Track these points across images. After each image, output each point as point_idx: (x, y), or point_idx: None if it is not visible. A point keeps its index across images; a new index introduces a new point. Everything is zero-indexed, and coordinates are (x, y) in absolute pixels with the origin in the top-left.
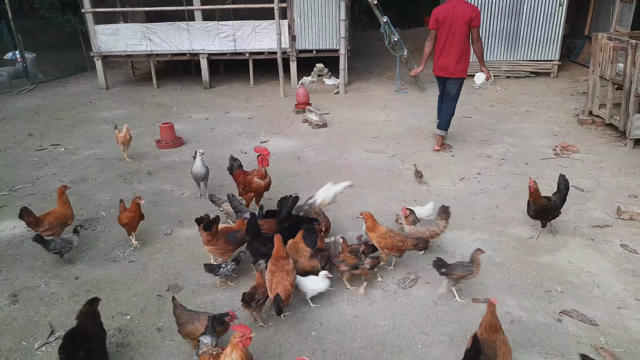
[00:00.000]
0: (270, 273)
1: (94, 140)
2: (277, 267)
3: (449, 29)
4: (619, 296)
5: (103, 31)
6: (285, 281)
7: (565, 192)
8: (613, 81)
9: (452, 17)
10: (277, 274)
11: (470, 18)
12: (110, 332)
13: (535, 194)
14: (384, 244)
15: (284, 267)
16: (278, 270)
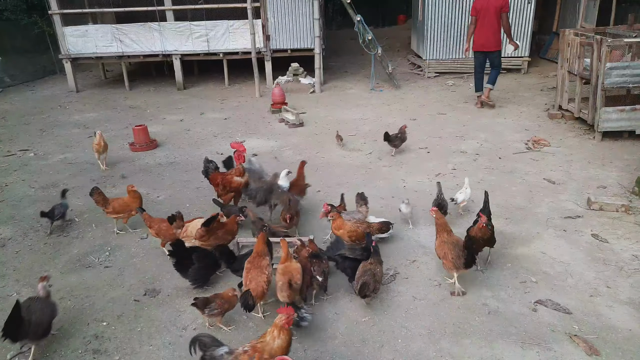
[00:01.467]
0: (246, 270)
1: (64, 145)
2: (252, 264)
3: (485, 15)
4: (591, 284)
5: (72, 33)
6: (259, 278)
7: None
8: (581, 76)
9: (487, 6)
10: (252, 271)
11: (501, 6)
12: (86, 339)
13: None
14: (355, 236)
15: (259, 264)
16: (253, 268)
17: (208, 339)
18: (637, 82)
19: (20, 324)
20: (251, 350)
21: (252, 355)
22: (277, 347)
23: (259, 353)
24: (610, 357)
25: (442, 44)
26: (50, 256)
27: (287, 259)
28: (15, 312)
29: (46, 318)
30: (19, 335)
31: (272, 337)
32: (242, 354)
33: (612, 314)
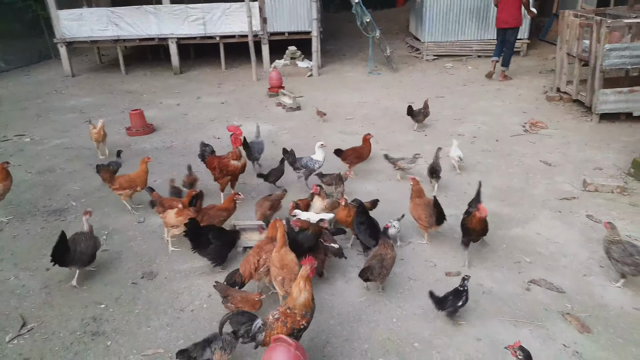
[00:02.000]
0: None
1: (60, 130)
2: (259, 246)
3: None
4: (585, 264)
5: (66, 16)
6: (252, 258)
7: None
8: (579, 58)
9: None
10: (252, 251)
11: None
12: (85, 321)
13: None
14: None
15: (263, 247)
16: (256, 249)
17: (243, 317)
18: (636, 64)
19: (67, 251)
20: (282, 315)
21: (284, 320)
22: (305, 299)
23: (290, 316)
24: (602, 334)
25: (441, 27)
26: (48, 240)
27: (282, 245)
28: (61, 241)
29: (90, 249)
30: (66, 262)
31: (298, 290)
32: (274, 322)
33: (604, 292)
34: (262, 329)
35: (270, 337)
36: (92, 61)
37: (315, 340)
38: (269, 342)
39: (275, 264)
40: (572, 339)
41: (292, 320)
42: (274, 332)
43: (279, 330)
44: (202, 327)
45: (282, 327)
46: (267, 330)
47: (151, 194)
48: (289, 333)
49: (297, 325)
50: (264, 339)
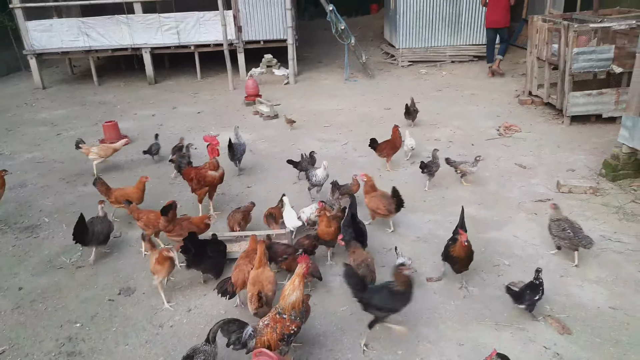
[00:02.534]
0: (240, 258)
1: (32, 144)
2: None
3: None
4: (561, 265)
5: (35, 27)
6: (244, 267)
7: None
8: (549, 61)
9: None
10: (241, 261)
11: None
12: (60, 341)
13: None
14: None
15: (252, 255)
16: (244, 259)
17: (234, 324)
18: (603, 67)
19: (86, 231)
20: (272, 321)
21: (274, 326)
22: (295, 300)
23: (280, 321)
24: (581, 335)
25: (415, 33)
26: (20, 258)
27: (261, 265)
28: (81, 222)
29: (105, 230)
30: (86, 241)
31: (292, 288)
32: (264, 327)
33: (581, 292)
34: (252, 335)
35: (260, 343)
36: (64, 72)
37: (298, 352)
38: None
39: (250, 280)
40: (553, 341)
41: (281, 326)
42: (264, 338)
43: (269, 337)
44: (182, 343)
45: (272, 333)
46: (257, 336)
47: (128, 206)
48: (279, 338)
49: (286, 330)
50: (254, 346)
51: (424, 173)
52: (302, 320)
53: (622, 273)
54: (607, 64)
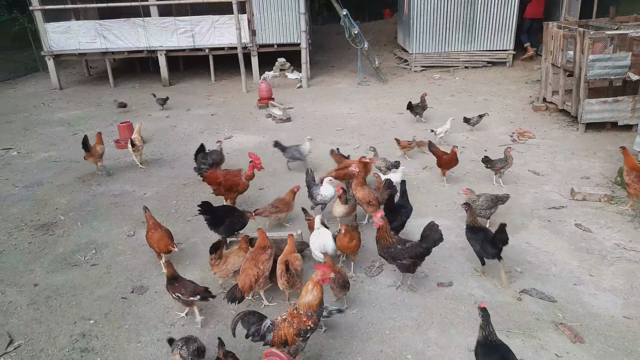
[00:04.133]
0: (246, 260)
1: (48, 143)
2: (253, 255)
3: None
4: (575, 273)
5: (54, 29)
6: (251, 271)
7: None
8: (564, 68)
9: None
10: (248, 262)
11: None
12: (74, 337)
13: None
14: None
15: (257, 257)
16: (251, 259)
17: (254, 316)
18: (618, 74)
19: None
20: (289, 316)
21: (291, 321)
22: (309, 301)
23: (297, 316)
24: (594, 344)
25: (429, 38)
26: (36, 255)
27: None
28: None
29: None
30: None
31: (305, 291)
32: (282, 321)
33: (595, 301)
34: (270, 328)
35: (277, 337)
36: (80, 74)
37: (307, 354)
38: (277, 341)
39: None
40: (565, 349)
41: (298, 321)
42: (281, 331)
43: (285, 330)
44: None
45: (289, 327)
46: (275, 330)
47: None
48: (296, 333)
49: (303, 325)
50: (272, 339)
51: (488, 168)
52: (318, 317)
53: (637, 282)
54: (623, 71)
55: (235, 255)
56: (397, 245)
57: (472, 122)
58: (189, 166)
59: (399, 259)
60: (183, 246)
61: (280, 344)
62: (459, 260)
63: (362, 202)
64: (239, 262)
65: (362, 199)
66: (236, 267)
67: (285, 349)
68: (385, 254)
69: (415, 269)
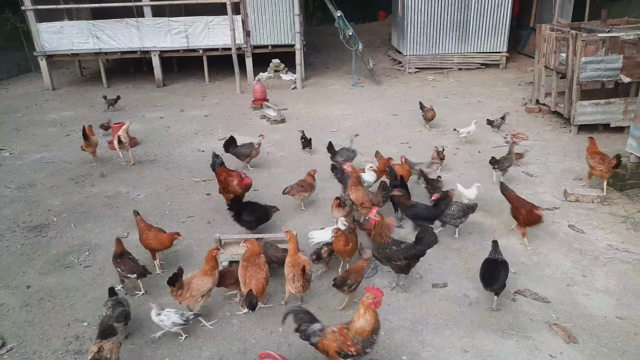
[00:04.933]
0: (243, 268)
1: (41, 144)
2: (249, 262)
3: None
4: (568, 274)
5: (46, 29)
6: (259, 275)
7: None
8: (557, 70)
9: None
10: (250, 269)
11: None
12: (67, 339)
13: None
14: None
15: (255, 262)
16: (250, 265)
17: (305, 315)
18: (611, 76)
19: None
20: (338, 332)
21: (337, 337)
22: (360, 326)
23: (344, 336)
24: (587, 344)
25: (423, 40)
26: (28, 257)
27: (296, 252)
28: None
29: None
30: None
31: (357, 316)
32: (330, 333)
33: (588, 302)
34: (317, 333)
35: (321, 344)
36: (73, 74)
37: (302, 356)
38: (320, 348)
39: (288, 264)
40: (559, 349)
41: (343, 341)
42: (325, 341)
43: (328, 342)
44: (187, 343)
45: (333, 342)
46: (322, 336)
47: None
48: (337, 351)
49: (346, 348)
50: (316, 343)
51: (495, 169)
52: (364, 346)
53: (630, 283)
54: (615, 73)
55: (199, 278)
56: (392, 246)
57: (495, 124)
58: (183, 167)
59: (394, 260)
60: (177, 247)
61: (322, 352)
62: (454, 261)
63: (356, 204)
64: (203, 284)
65: (356, 200)
66: (202, 290)
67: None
68: (380, 254)
69: (409, 270)
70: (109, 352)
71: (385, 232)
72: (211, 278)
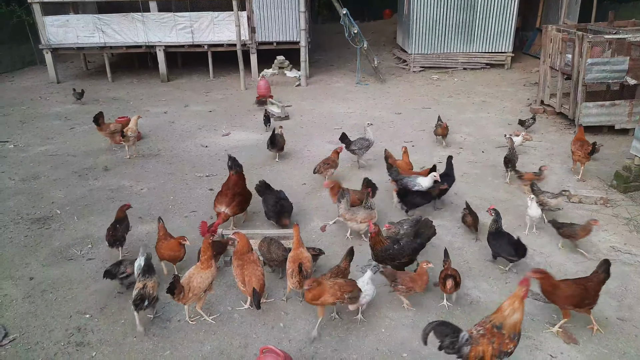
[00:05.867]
0: (238, 268)
1: (45, 137)
2: (243, 260)
3: None
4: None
5: (52, 23)
6: (257, 271)
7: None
8: (562, 71)
9: None
10: (247, 267)
11: None
12: (69, 331)
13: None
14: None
15: (250, 259)
16: (246, 263)
17: (446, 327)
18: (616, 78)
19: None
20: (488, 333)
21: (490, 339)
22: (516, 320)
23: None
24: (587, 345)
25: (428, 39)
26: (32, 249)
27: (298, 247)
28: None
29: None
30: (275, 147)
31: (512, 309)
32: (479, 337)
33: None
34: (468, 342)
35: (474, 352)
36: (78, 68)
37: (303, 351)
38: (473, 357)
39: (289, 259)
40: (559, 350)
41: (499, 341)
42: (479, 347)
43: (484, 347)
44: (189, 337)
45: (489, 346)
46: (472, 344)
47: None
48: (495, 354)
49: (504, 347)
50: (469, 353)
51: (509, 168)
52: (519, 340)
53: (632, 285)
54: (621, 75)
55: (197, 275)
56: (393, 246)
57: (527, 124)
58: (187, 162)
59: (398, 259)
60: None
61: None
62: (456, 260)
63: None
64: (202, 281)
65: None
66: (203, 286)
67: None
68: (384, 256)
69: (410, 264)
70: (151, 289)
71: (383, 237)
72: (209, 271)
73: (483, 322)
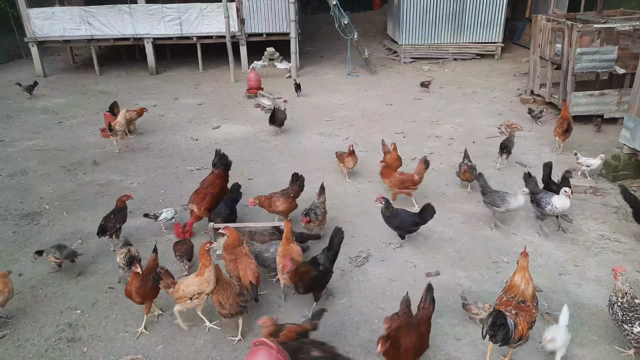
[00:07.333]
0: (231, 262)
1: (32, 131)
2: (235, 254)
3: None
4: (560, 263)
5: (37, 15)
6: (252, 264)
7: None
8: (552, 61)
9: None
10: (240, 260)
11: None
12: (60, 327)
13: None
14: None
15: (242, 252)
16: (239, 257)
17: (497, 317)
18: (605, 67)
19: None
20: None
21: (523, 315)
22: (532, 291)
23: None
24: (578, 332)
25: (418, 30)
26: (20, 245)
27: (288, 242)
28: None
29: (284, 117)
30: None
31: (525, 282)
32: (515, 318)
33: (579, 291)
34: (514, 327)
35: (517, 334)
36: (65, 61)
37: None
38: (516, 338)
39: (279, 254)
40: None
41: (529, 314)
42: (519, 327)
43: (522, 326)
44: (180, 331)
45: (524, 322)
46: (516, 326)
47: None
48: (529, 327)
49: (533, 317)
50: (514, 336)
51: (504, 154)
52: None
53: None
54: (610, 64)
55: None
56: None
57: (534, 114)
58: (177, 156)
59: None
60: (170, 236)
61: (516, 340)
62: (447, 250)
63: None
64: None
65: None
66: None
67: (519, 343)
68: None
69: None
70: (135, 252)
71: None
72: (198, 279)
73: (507, 302)
